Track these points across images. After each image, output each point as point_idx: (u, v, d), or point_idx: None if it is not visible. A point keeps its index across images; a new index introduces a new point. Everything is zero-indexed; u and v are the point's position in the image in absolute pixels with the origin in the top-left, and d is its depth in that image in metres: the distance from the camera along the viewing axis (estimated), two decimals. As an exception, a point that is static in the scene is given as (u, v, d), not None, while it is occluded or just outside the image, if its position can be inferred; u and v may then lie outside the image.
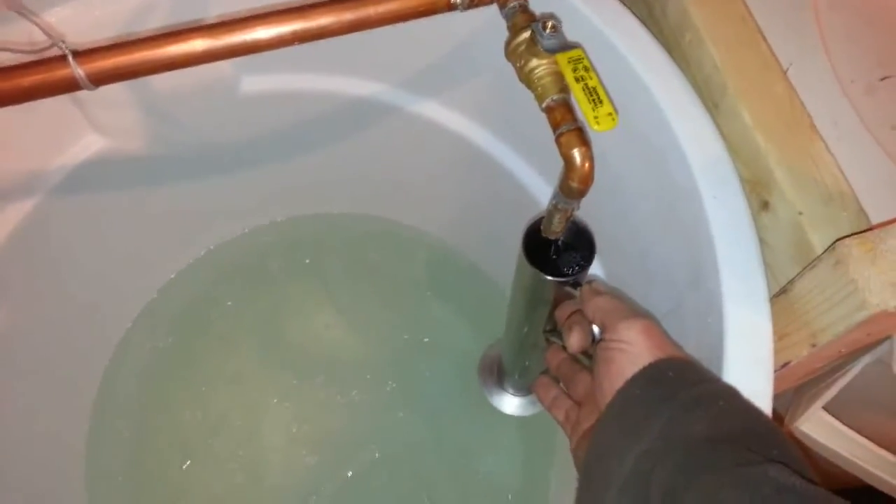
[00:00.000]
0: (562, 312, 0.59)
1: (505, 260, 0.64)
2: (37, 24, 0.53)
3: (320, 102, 0.85)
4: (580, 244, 0.58)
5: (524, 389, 0.85)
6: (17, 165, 0.73)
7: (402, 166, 0.97)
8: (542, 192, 0.82)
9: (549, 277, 0.56)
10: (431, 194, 1.02)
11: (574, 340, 0.53)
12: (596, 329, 0.53)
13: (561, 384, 0.63)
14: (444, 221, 1.07)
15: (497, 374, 0.87)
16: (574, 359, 0.61)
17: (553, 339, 0.64)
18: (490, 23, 0.58)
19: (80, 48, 0.48)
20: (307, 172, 0.98)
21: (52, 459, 0.88)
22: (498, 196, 0.89)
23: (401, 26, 0.53)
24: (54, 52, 0.48)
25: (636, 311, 0.51)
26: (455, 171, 0.92)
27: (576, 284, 0.57)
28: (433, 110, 0.85)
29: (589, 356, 0.56)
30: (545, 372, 0.67)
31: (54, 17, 0.64)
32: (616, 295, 0.54)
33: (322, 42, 0.52)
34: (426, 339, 1.05)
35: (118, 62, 0.48)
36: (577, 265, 0.57)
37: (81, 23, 0.65)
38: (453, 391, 1.01)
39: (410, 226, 1.11)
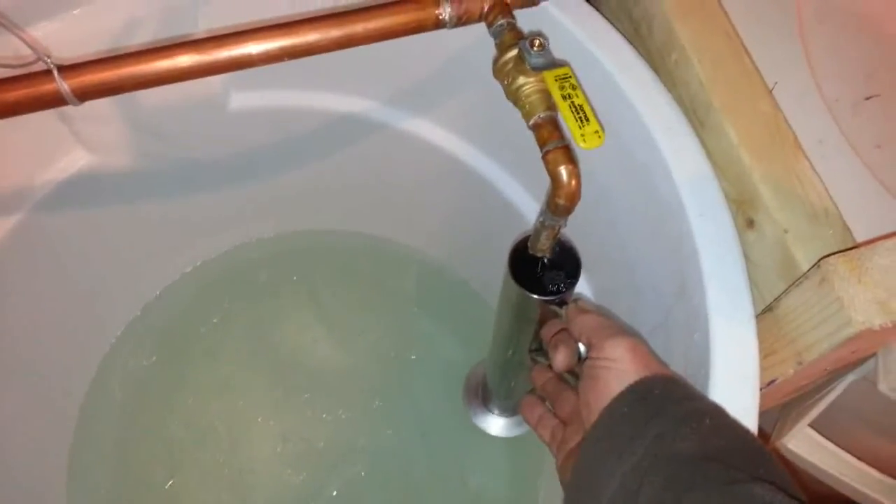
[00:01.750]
0: (547, 331, 0.59)
1: (493, 276, 0.64)
2: (21, 39, 0.53)
3: (309, 119, 0.85)
4: (566, 262, 0.58)
5: (509, 410, 0.84)
6: (2, 180, 0.72)
7: (389, 183, 0.97)
8: (530, 208, 0.82)
9: (535, 296, 0.56)
10: (419, 211, 1.02)
11: (560, 359, 0.53)
12: (582, 347, 0.53)
13: (547, 403, 0.63)
14: (431, 238, 1.07)
15: (482, 394, 0.87)
16: (560, 378, 0.61)
17: (538, 358, 0.64)
18: (478, 41, 0.58)
19: (66, 63, 0.48)
20: (295, 189, 0.98)
21: (34, 471, 0.87)
22: (486, 212, 0.89)
23: (389, 44, 0.53)
24: (39, 66, 0.48)
25: (622, 329, 0.51)
26: (443, 187, 0.92)
27: (561, 303, 0.57)
28: (421, 127, 0.85)
29: (575, 375, 0.56)
30: (531, 391, 0.67)
31: (40, 32, 0.63)
32: (602, 313, 0.54)
33: (311, 59, 0.52)
34: (413, 356, 1.04)
35: (104, 77, 0.48)
36: (563, 283, 0.57)
37: (68, 37, 0.64)
38: (441, 407, 1.01)
39: (398, 242, 1.11)
